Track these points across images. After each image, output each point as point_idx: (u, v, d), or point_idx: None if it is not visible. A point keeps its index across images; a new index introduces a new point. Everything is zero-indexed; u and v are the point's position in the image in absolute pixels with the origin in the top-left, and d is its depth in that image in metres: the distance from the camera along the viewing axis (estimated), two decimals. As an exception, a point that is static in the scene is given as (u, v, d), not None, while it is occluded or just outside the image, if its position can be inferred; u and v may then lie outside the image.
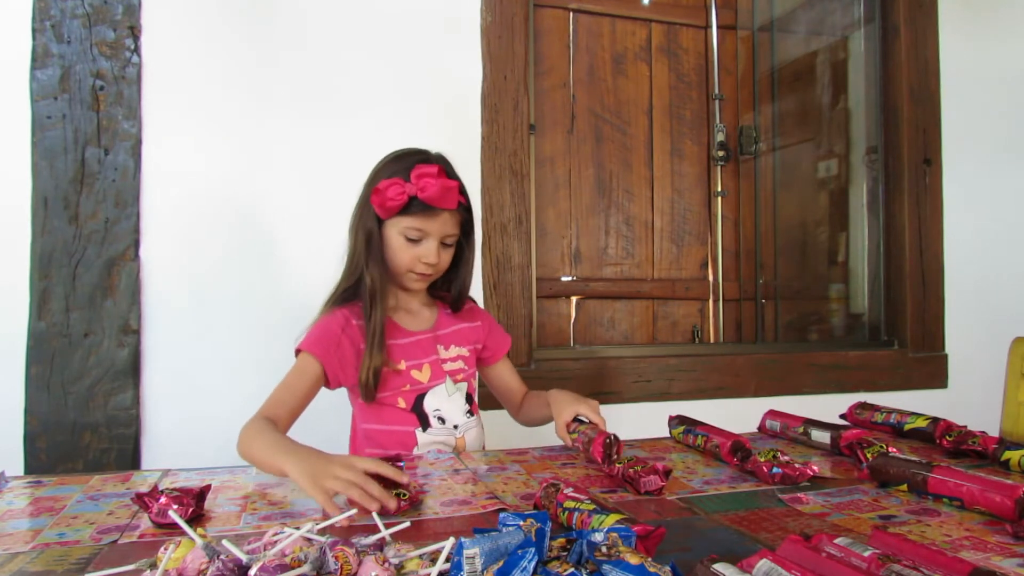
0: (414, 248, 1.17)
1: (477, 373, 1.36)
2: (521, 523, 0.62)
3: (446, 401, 1.24)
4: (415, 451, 1.19)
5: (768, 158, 2.35)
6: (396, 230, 1.17)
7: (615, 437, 0.99)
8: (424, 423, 1.21)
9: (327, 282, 1.28)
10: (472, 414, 1.28)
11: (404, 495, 0.84)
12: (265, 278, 1.65)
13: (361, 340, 1.18)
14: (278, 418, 1.08)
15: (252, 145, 1.66)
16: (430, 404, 1.22)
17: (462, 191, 1.19)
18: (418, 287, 1.24)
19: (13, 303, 1.51)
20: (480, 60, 1.82)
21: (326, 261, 1.29)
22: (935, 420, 1.13)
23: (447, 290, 1.30)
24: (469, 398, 1.28)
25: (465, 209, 1.22)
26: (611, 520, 0.66)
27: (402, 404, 1.21)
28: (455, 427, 1.23)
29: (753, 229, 2.33)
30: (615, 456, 0.97)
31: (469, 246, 1.26)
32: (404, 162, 1.17)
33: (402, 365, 1.21)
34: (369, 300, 1.17)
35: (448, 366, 1.26)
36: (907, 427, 1.17)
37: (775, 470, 0.92)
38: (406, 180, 1.13)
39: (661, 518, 0.79)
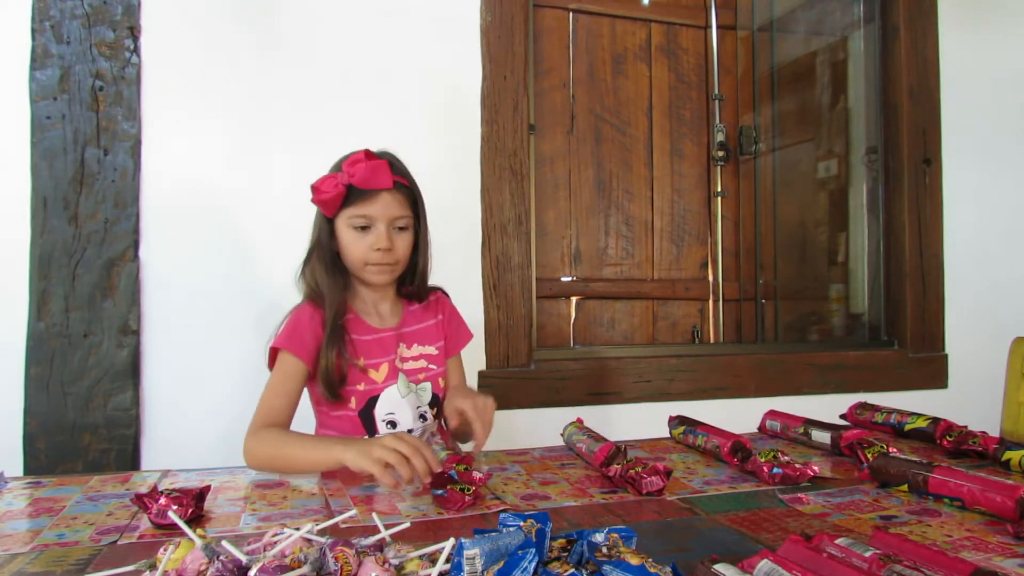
0: (364, 237, 1.18)
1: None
2: (521, 523, 0.62)
3: (398, 404, 1.21)
4: None
5: (768, 158, 2.35)
6: (343, 223, 1.19)
7: (622, 448, 0.98)
8: (370, 430, 1.20)
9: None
10: (435, 417, 1.26)
11: (469, 490, 0.84)
12: (264, 278, 1.65)
13: (323, 332, 1.18)
14: (282, 427, 1.09)
15: (252, 145, 1.66)
16: (381, 409, 1.20)
17: (398, 171, 1.20)
18: (380, 280, 1.22)
19: (13, 303, 1.51)
20: (480, 60, 1.82)
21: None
22: (935, 420, 1.13)
23: (410, 282, 1.28)
24: (435, 399, 1.26)
25: (408, 190, 1.21)
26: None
27: (353, 404, 1.19)
28: (409, 431, 1.21)
29: (753, 229, 2.33)
30: (617, 463, 0.96)
31: (423, 230, 1.25)
32: (340, 161, 1.21)
33: (361, 362, 1.20)
34: (317, 297, 1.20)
35: (408, 365, 1.25)
36: (907, 427, 1.17)
37: (775, 470, 0.92)
38: (338, 172, 1.17)
39: (662, 518, 0.79)
